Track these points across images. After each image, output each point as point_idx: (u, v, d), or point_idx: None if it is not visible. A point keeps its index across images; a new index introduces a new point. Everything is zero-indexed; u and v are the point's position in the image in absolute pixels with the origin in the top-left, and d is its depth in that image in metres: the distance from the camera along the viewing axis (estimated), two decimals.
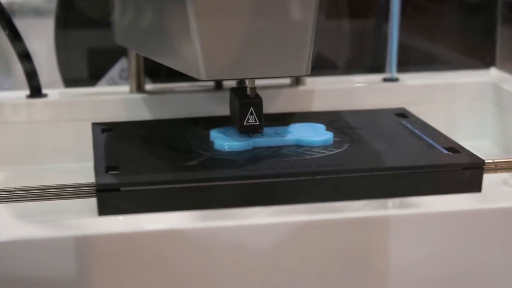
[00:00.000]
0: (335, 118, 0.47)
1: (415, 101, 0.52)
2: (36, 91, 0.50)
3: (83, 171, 0.45)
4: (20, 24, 0.51)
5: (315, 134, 0.43)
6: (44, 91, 0.51)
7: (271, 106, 0.46)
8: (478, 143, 0.52)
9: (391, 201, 0.34)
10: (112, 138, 0.45)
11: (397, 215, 0.33)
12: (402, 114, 0.49)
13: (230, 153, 0.41)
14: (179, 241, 0.32)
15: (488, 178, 0.41)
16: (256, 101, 0.42)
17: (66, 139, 0.49)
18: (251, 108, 0.42)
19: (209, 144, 0.43)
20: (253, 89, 0.42)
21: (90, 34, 0.57)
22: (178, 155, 0.41)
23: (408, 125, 0.46)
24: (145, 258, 0.31)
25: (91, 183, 0.38)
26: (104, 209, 0.37)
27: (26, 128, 0.49)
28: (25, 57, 0.50)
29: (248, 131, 0.42)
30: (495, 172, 0.43)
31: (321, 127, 0.44)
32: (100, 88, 0.55)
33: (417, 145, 0.43)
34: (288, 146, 0.42)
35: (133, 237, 0.31)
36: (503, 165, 0.43)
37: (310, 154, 0.41)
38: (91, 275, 0.31)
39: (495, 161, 0.42)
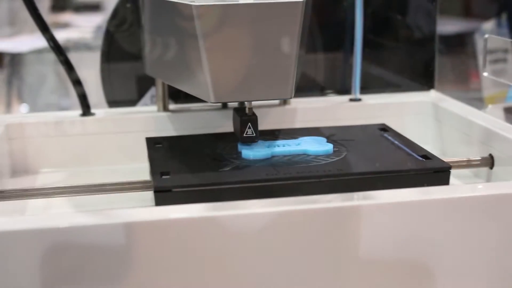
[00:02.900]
0: (332, 132, 0.47)
1: (373, 116, 0.52)
2: (86, 111, 0.50)
3: (122, 171, 0.45)
4: (75, 56, 0.51)
5: (319, 145, 0.43)
6: (92, 110, 0.51)
7: (264, 121, 0.46)
8: None
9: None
10: (162, 150, 0.44)
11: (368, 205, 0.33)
12: (384, 128, 0.48)
13: (254, 160, 0.41)
14: (198, 227, 0.32)
15: None
16: (252, 118, 0.42)
17: (109, 147, 0.49)
18: (249, 124, 0.42)
19: (237, 153, 0.42)
20: (251, 109, 0.42)
21: (128, 65, 0.57)
22: (214, 163, 0.41)
23: (389, 138, 0.46)
24: (174, 241, 0.31)
25: (147, 180, 0.39)
26: (161, 203, 0.37)
27: (79, 139, 0.49)
28: (77, 84, 0.50)
29: (247, 141, 0.42)
30: None
31: (323, 139, 0.44)
32: (135, 108, 0.55)
33: (398, 153, 0.43)
34: (299, 155, 0.42)
35: (163, 223, 0.31)
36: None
37: (316, 161, 0.41)
38: (132, 256, 0.31)
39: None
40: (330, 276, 0.33)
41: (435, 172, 0.40)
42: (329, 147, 0.42)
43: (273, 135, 0.45)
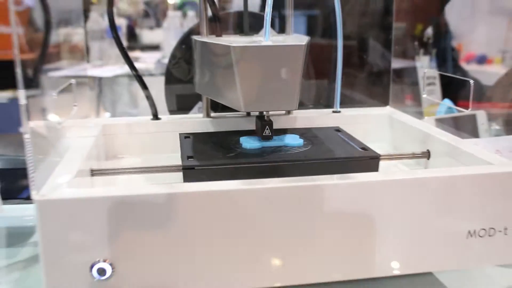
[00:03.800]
0: (304, 132, 0.47)
1: (349, 123, 0.52)
2: (155, 116, 0.50)
3: (177, 157, 0.44)
4: None
5: (294, 140, 0.43)
6: (159, 116, 0.51)
7: (275, 125, 0.46)
8: (380, 145, 0.53)
9: (336, 176, 0.34)
10: (190, 141, 0.44)
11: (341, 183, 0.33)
12: (338, 129, 0.48)
13: (250, 150, 0.41)
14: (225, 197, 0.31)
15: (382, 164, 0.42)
16: (269, 123, 0.42)
17: (169, 141, 0.49)
18: (267, 126, 0.42)
19: (239, 145, 0.42)
20: (268, 116, 0.43)
21: (182, 86, 0.57)
22: (223, 151, 0.41)
23: (341, 136, 0.46)
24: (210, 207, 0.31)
25: (179, 165, 0.38)
26: (187, 179, 0.37)
27: (149, 136, 0.49)
28: (149, 98, 0.50)
29: (265, 139, 0.42)
30: (389, 160, 0.44)
31: (297, 136, 0.44)
32: (188, 115, 0.55)
33: (346, 146, 0.43)
34: (280, 147, 0.42)
35: (195, 194, 0.31)
36: (384, 157, 0.44)
37: (291, 151, 0.41)
38: (178, 218, 0.31)
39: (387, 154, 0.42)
40: (308, 227, 0.33)
41: (370, 159, 0.40)
42: (300, 141, 0.43)
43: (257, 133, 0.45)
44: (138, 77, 0.49)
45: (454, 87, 0.73)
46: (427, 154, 0.45)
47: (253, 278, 0.33)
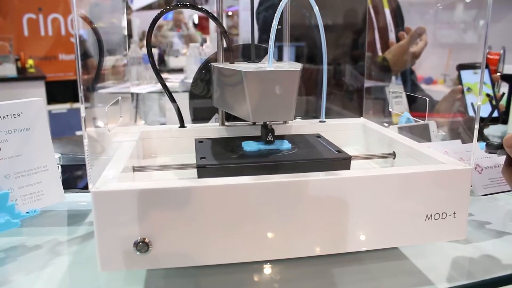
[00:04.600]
0: (291, 138, 0.46)
1: (332, 130, 0.51)
2: (182, 124, 0.49)
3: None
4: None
5: (284, 145, 0.42)
6: (185, 124, 0.50)
7: (275, 131, 0.45)
8: (356, 147, 0.52)
9: (321, 173, 0.33)
10: (203, 145, 0.44)
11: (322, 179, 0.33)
12: (319, 135, 0.48)
13: (249, 152, 0.40)
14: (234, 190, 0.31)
15: (358, 162, 0.41)
16: (272, 130, 0.42)
17: (193, 144, 0.47)
18: (270, 133, 0.42)
19: (241, 148, 0.41)
20: (271, 125, 0.42)
21: (202, 101, 0.56)
22: (228, 153, 0.40)
23: (321, 141, 0.45)
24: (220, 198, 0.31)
25: (194, 163, 0.38)
26: (200, 175, 0.36)
27: (177, 139, 0.48)
28: (177, 110, 0.49)
29: (268, 143, 0.42)
30: (363, 160, 0.44)
31: (286, 141, 0.43)
32: (207, 124, 0.54)
33: (324, 149, 0.42)
34: (273, 150, 0.41)
35: (206, 188, 0.30)
36: (359, 157, 0.44)
37: (282, 153, 0.40)
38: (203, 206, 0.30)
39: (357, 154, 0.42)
40: (298, 213, 0.32)
41: (343, 159, 0.39)
42: (289, 145, 0.42)
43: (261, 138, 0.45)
44: (169, 93, 0.48)
45: (409, 102, 0.73)
46: (393, 155, 0.45)
47: (254, 252, 0.32)
